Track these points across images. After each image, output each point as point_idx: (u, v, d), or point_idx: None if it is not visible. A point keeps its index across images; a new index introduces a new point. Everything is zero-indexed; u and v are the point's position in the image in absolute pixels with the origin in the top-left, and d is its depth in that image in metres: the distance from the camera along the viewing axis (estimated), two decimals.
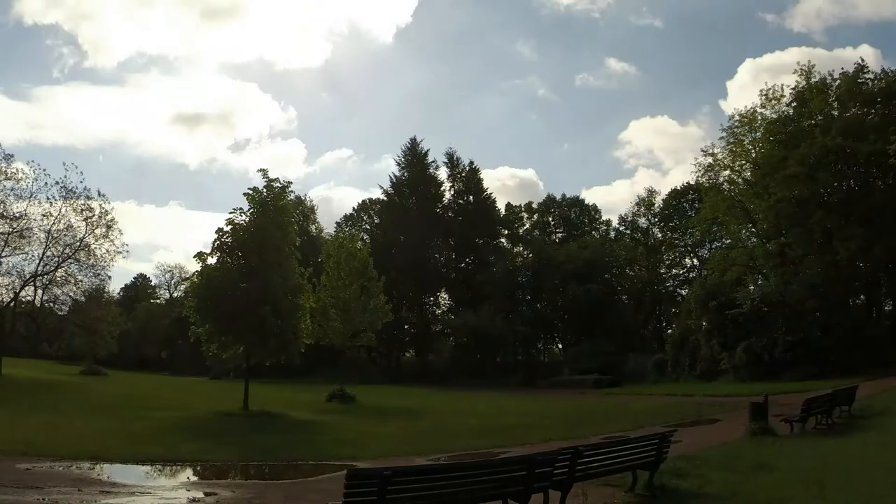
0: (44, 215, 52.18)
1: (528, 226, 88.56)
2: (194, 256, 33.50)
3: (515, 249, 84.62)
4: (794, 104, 50.06)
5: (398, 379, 68.31)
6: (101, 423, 22.79)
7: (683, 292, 70.89)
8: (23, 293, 56.63)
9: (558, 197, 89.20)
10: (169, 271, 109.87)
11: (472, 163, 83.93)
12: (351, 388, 40.03)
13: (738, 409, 25.60)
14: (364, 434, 23.72)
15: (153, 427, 22.55)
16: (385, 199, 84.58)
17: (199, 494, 13.14)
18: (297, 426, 26.43)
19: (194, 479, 15.31)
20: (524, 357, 78.10)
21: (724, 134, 54.11)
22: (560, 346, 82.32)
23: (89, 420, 23.80)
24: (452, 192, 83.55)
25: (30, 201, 51.61)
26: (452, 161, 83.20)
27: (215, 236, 32.35)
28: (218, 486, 13.95)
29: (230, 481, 14.78)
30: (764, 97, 51.43)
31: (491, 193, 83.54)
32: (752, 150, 51.93)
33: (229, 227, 32.26)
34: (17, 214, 51.77)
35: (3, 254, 54.10)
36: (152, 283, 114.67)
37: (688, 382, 50.02)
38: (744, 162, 53.19)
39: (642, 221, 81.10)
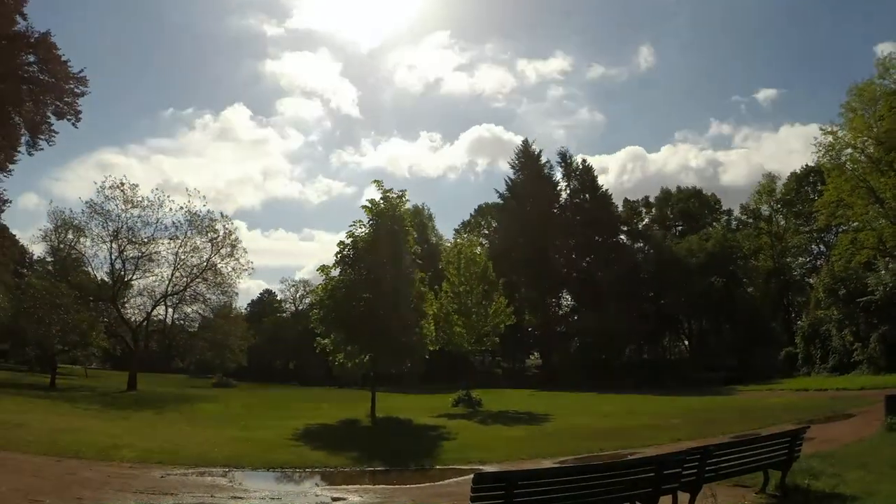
0: (170, 239, 55.01)
1: (646, 221, 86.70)
2: (318, 269, 34.13)
3: (636, 245, 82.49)
4: None
5: (523, 382, 67.91)
6: (232, 433, 23.33)
7: (811, 281, 67.73)
8: (155, 312, 59.54)
9: (674, 190, 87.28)
10: (294, 285, 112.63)
11: (584, 161, 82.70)
12: (476, 393, 39.94)
13: (874, 403, 24.28)
14: (490, 437, 23.56)
15: (282, 435, 22.86)
16: (502, 202, 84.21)
17: (328, 500, 13.17)
18: (423, 431, 26.40)
19: (322, 484, 15.34)
20: (649, 355, 76.39)
21: (843, 110, 51.44)
22: (686, 342, 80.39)
23: (220, 430, 24.43)
24: (568, 192, 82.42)
25: (156, 227, 54.57)
26: (566, 160, 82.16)
27: (338, 249, 32.91)
28: (346, 491, 13.95)
29: (358, 486, 14.73)
30: (881, 66, 48.69)
31: (607, 190, 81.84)
32: (874, 125, 49.07)
33: (350, 239, 32.66)
34: (146, 239, 54.77)
35: (135, 277, 57.20)
36: (278, 298, 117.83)
37: (820, 376, 48.12)
38: (866, 138, 50.27)
39: (764, 209, 77.96)
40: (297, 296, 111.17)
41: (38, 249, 65.29)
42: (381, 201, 32.73)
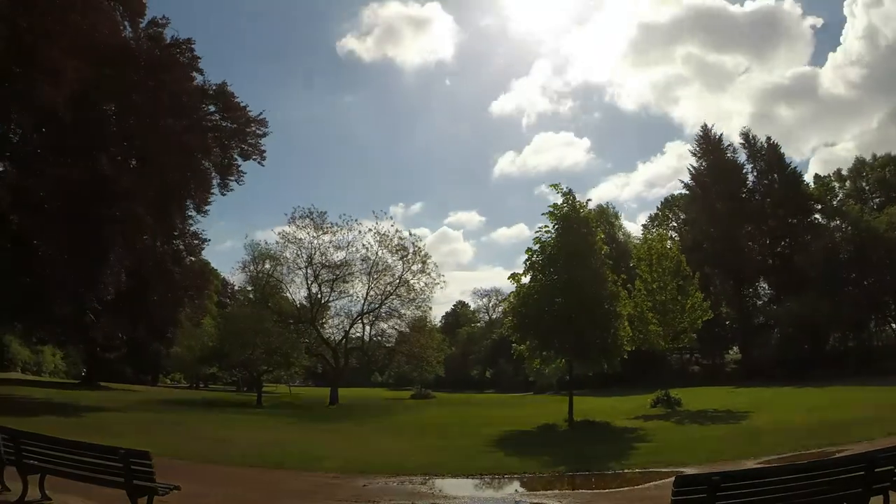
0: (362, 260, 57.41)
1: (841, 196, 79.32)
2: (509, 278, 34.29)
3: (832, 224, 75.55)
4: None
5: (722, 378, 65.45)
6: (431, 441, 23.83)
7: None
8: (352, 330, 61.97)
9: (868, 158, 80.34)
10: (486, 295, 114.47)
11: (769, 138, 77.83)
12: (674, 392, 38.91)
13: None
14: (690, 438, 22.81)
15: (480, 442, 23.09)
16: (687, 192, 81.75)
17: None
18: (622, 434, 26.00)
19: (522, 490, 15.34)
20: (855, 343, 71.27)
21: None
22: (895, 325, 74.60)
23: (420, 439, 25.06)
24: (755, 174, 78.44)
25: (348, 249, 57.12)
26: (749, 140, 78.24)
27: (526, 256, 33.04)
28: (545, 497, 13.92)
29: (557, 491, 14.60)
30: None
31: (796, 168, 77.16)
32: None
33: (537, 245, 32.70)
34: (339, 262, 57.36)
35: (331, 298, 59.93)
36: (471, 309, 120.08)
37: None
38: None
39: None
40: (490, 305, 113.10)
41: (238, 280, 69.51)
42: (564, 205, 32.58)
